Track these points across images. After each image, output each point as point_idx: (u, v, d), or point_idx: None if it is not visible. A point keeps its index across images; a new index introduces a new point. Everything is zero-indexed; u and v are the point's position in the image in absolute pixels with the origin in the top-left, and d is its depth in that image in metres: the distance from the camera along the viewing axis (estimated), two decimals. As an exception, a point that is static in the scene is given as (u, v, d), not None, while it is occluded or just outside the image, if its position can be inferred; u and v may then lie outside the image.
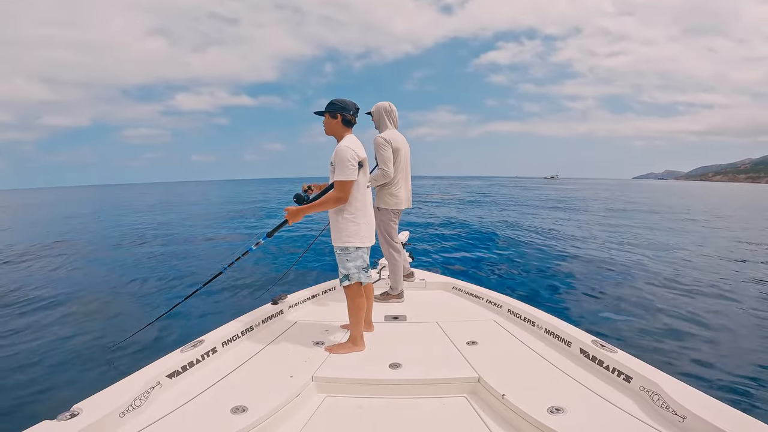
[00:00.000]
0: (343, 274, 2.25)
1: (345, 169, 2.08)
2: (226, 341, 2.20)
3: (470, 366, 1.98)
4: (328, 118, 2.24)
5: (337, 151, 2.12)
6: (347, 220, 2.21)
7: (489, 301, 2.99)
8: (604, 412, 1.59)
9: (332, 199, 2.14)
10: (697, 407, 1.42)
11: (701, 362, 3.25)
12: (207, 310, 4.71)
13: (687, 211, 19.15)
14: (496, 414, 1.68)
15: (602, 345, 1.98)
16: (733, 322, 4.21)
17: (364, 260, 2.29)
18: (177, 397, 1.69)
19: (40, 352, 3.42)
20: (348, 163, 2.08)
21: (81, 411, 1.39)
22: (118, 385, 1.61)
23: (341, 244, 2.24)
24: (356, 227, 2.22)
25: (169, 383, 1.78)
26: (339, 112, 2.20)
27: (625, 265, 6.97)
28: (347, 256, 2.23)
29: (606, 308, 4.67)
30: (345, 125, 2.23)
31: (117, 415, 1.45)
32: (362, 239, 2.25)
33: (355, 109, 2.24)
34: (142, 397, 1.59)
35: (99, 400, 1.49)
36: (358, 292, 2.25)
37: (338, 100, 2.22)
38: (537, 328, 2.43)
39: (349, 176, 2.09)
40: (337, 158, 2.11)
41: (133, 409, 1.53)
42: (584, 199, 28.34)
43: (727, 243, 9.70)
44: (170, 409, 1.59)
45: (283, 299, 2.84)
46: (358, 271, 2.24)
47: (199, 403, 1.67)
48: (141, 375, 1.70)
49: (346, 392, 1.87)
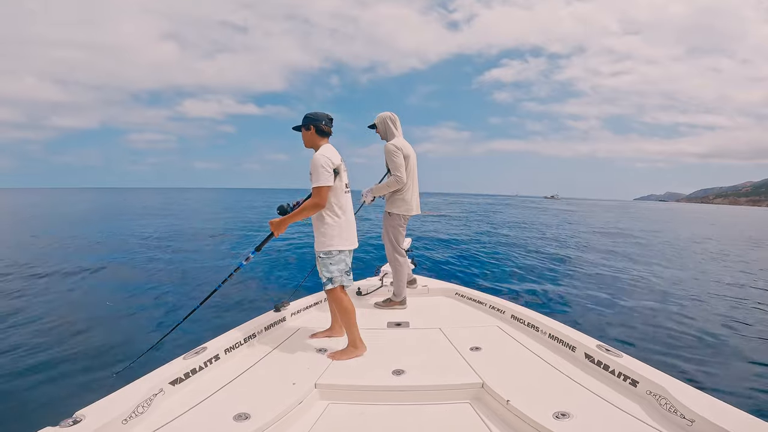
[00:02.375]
0: (326, 278, 2.29)
1: (320, 175, 2.17)
2: (229, 348, 2.20)
3: (474, 372, 1.96)
4: (304, 132, 2.35)
5: (312, 160, 2.22)
6: (329, 225, 2.29)
7: (492, 306, 2.98)
8: (610, 416, 1.57)
9: (310, 206, 2.22)
10: (704, 410, 1.40)
11: (707, 367, 3.21)
12: (209, 317, 4.71)
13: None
14: (501, 420, 1.66)
15: (607, 349, 1.96)
16: (738, 330, 4.18)
17: (347, 263, 2.36)
18: (180, 404, 1.69)
19: (42, 360, 3.42)
20: (322, 169, 2.17)
21: (84, 417, 1.38)
22: (121, 392, 1.60)
23: (324, 249, 2.30)
24: (338, 230, 2.30)
25: (172, 390, 1.77)
26: (311, 123, 2.31)
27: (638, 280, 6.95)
28: (330, 259, 2.29)
29: (610, 315, 4.64)
30: (319, 135, 2.33)
31: (120, 422, 1.45)
32: (344, 242, 2.32)
33: (328, 119, 2.34)
34: (145, 404, 1.58)
35: (102, 406, 1.49)
36: (342, 295, 2.30)
37: (311, 113, 2.34)
38: (541, 334, 2.41)
39: (324, 182, 2.17)
40: (312, 166, 2.20)
41: (136, 416, 1.52)
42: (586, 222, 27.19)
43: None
44: (173, 416, 1.59)
45: (285, 306, 2.84)
46: (340, 274, 2.30)
47: (202, 410, 1.66)
48: (144, 382, 1.70)
49: (349, 399, 1.86)
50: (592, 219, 25.09)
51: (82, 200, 43.09)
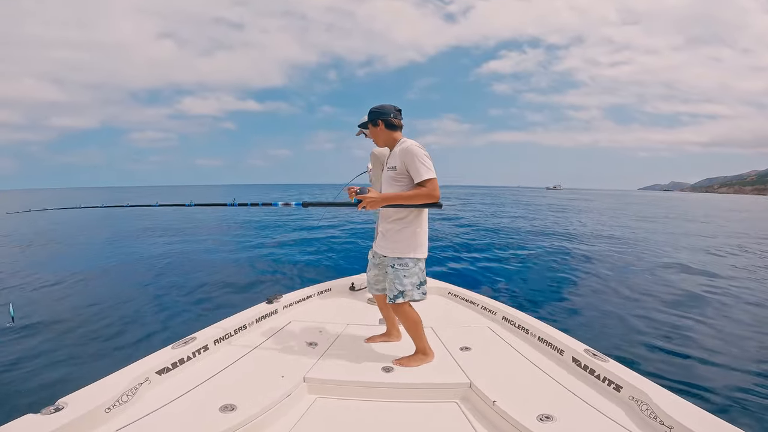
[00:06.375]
0: (397, 291, 2.03)
1: (428, 166, 1.94)
2: (218, 339, 2.18)
3: (462, 372, 1.97)
4: (372, 128, 2.14)
5: (408, 150, 1.97)
6: (411, 229, 2.05)
7: (484, 307, 2.98)
8: (592, 421, 1.59)
9: (424, 194, 1.93)
10: (683, 417, 1.42)
11: (694, 372, 3.24)
12: (200, 307, 4.70)
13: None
14: (487, 420, 1.67)
15: (594, 354, 1.98)
16: (728, 333, 4.22)
17: (419, 276, 2.08)
18: (165, 393, 1.68)
19: (24, 349, 3.38)
20: (426, 158, 1.94)
21: (66, 405, 1.37)
22: (106, 380, 1.59)
23: (401, 256, 2.05)
24: (422, 238, 2.07)
25: (158, 380, 1.76)
26: (379, 118, 2.10)
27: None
28: (405, 271, 2.03)
29: (600, 318, 4.67)
30: (390, 129, 2.10)
31: (103, 411, 1.43)
32: (423, 251, 2.09)
33: (396, 110, 2.12)
34: (130, 393, 1.57)
35: (85, 394, 1.47)
36: (410, 311, 2.09)
37: (376, 106, 2.13)
38: (531, 336, 2.42)
39: (434, 173, 1.94)
40: (410, 156, 1.95)
41: (120, 404, 1.51)
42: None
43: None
44: (157, 406, 1.58)
45: (278, 299, 2.83)
46: (413, 288, 2.04)
47: (188, 400, 1.65)
48: (129, 371, 1.69)
49: (338, 394, 1.86)
50: (586, 215, 24.97)
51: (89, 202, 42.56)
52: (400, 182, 2.02)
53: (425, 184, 1.93)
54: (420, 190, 1.94)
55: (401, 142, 2.07)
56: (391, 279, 2.07)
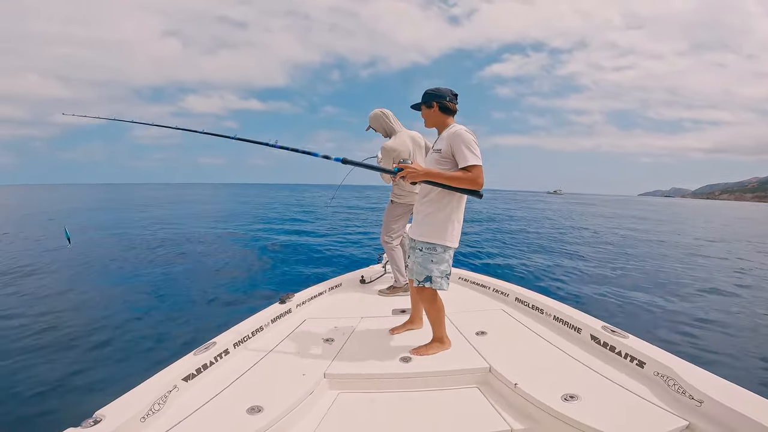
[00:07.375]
0: (424, 276, 2.03)
1: (476, 151, 1.87)
2: (238, 342, 2.22)
3: (480, 356, 1.99)
4: (425, 109, 2.09)
5: (457, 134, 1.91)
6: (446, 215, 2.01)
7: (496, 290, 3.00)
8: (619, 398, 1.58)
9: (468, 179, 1.86)
10: (713, 391, 1.40)
11: (714, 349, 3.22)
12: (216, 312, 4.76)
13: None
14: (509, 403, 1.68)
15: (613, 330, 1.98)
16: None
17: (448, 265, 2.07)
18: (194, 399, 1.71)
19: (57, 362, 3.45)
20: (474, 144, 1.88)
21: (104, 417, 1.41)
22: (137, 390, 1.63)
23: (431, 241, 2.03)
24: (456, 226, 2.03)
25: (185, 386, 1.80)
26: (434, 100, 2.05)
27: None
28: (433, 256, 2.02)
29: (616, 297, 4.69)
30: (444, 112, 2.06)
31: (138, 420, 1.47)
32: (454, 240, 2.05)
33: (452, 94, 2.06)
34: (161, 401, 1.61)
35: (120, 405, 1.51)
36: (435, 296, 2.09)
37: (431, 88, 2.07)
38: (546, 316, 2.43)
39: (480, 161, 1.87)
40: (458, 140, 1.89)
41: (153, 413, 1.55)
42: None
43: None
44: (188, 412, 1.61)
45: (290, 298, 2.86)
46: (441, 276, 2.03)
47: (216, 404, 1.69)
48: (157, 379, 1.72)
49: (359, 388, 1.89)
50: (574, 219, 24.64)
51: (96, 198, 42.51)
52: (444, 166, 1.97)
53: (471, 170, 1.86)
54: (465, 174, 1.87)
55: (451, 126, 2.02)
56: (418, 262, 2.06)
